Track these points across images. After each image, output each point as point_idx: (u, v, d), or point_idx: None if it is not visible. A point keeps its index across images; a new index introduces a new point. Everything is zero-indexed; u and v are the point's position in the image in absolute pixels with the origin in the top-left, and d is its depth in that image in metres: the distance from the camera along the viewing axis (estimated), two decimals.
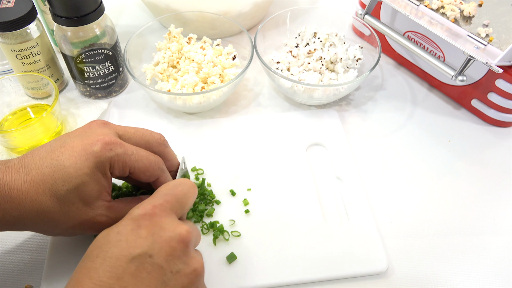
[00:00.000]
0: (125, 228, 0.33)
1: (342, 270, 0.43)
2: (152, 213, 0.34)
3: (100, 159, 0.37)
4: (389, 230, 0.48)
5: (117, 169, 0.38)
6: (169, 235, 0.33)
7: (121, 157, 0.38)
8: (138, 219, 0.34)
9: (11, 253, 0.45)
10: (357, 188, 0.50)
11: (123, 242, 0.32)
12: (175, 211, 0.36)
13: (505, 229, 0.48)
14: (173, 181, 0.38)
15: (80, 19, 0.51)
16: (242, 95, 0.62)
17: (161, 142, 0.43)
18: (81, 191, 0.37)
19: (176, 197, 0.37)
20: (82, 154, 0.37)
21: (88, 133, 0.39)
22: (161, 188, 0.37)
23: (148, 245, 0.32)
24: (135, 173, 0.40)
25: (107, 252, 0.32)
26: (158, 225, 0.34)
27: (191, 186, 0.38)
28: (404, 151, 0.56)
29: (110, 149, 0.38)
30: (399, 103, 0.61)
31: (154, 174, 0.41)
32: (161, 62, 0.58)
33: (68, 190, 0.36)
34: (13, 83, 0.56)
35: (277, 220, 0.47)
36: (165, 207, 0.35)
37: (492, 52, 0.49)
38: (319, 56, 0.58)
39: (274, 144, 0.54)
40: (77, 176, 0.36)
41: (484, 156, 0.55)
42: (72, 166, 0.36)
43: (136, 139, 0.41)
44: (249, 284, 0.42)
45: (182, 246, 0.34)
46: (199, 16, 0.63)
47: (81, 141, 0.38)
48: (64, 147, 0.37)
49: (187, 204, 0.38)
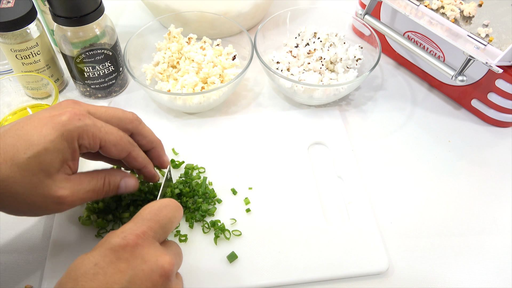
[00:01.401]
0: (103, 260, 0.31)
1: (342, 269, 0.43)
2: (134, 244, 0.32)
3: (68, 127, 0.36)
4: (389, 230, 0.48)
5: (86, 139, 0.37)
6: (150, 268, 0.32)
7: (90, 128, 0.37)
8: (117, 251, 0.32)
9: (11, 253, 0.45)
10: (358, 188, 0.50)
11: (101, 276, 0.31)
12: (157, 238, 0.34)
13: (505, 229, 0.48)
14: (158, 203, 0.36)
15: (80, 19, 0.51)
16: (242, 95, 0.62)
17: (134, 118, 0.42)
18: (43, 159, 0.35)
19: (160, 223, 0.35)
20: (48, 123, 0.36)
21: (57, 107, 0.38)
22: (144, 211, 0.35)
23: (127, 280, 0.31)
24: (106, 146, 0.39)
25: (83, 286, 0.30)
26: (139, 258, 0.32)
27: (176, 208, 0.37)
28: (404, 151, 0.56)
29: (79, 119, 0.37)
30: (399, 103, 0.61)
31: (126, 148, 0.40)
32: (161, 62, 0.58)
33: (29, 157, 0.35)
34: (13, 83, 0.56)
35: (278, 219, 0.47)
36: (147, 236, 0.33)
37: (492, 52, 0.49)
38: (319, 56, 0.58)
39: (275, 143, 0.54)
40: (40, 143, 0.35)
41: (484, 156, 0.55)
42: (37, 134, 0.35)
43: (107, 117, 0.40)
44: (250, 283, 0.42)
45: (163, 280, 0.32)
46: (199, 16, 0.63)
47: (48, 113, 0.37)
48: (30, 118, 0.37)
49: (171, 228, 0.36)
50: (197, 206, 0.47)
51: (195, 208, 0.47)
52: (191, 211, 0.47)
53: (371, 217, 0.47)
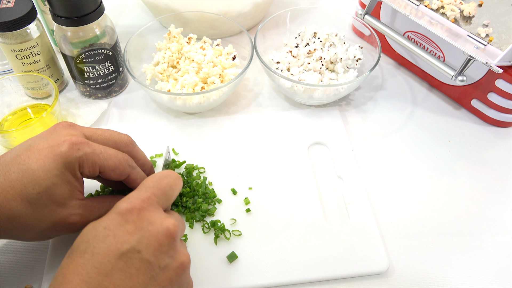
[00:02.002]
0: (112, 223, 0.33)
1: (342, 269, 0.43)
2: (140, 207, 0.34)
3: (68, 159, 0.36)
4: (389, 230, 0.48)
5: (86, 168, 0.38)
6: (156, 230, 0.33)
7: (90, 156, 0.38)
8: (125, 214, 0.33)
9: (11, 253, 0.45)
10: (358, 188, 0.50)
11: (111, 238, 0.32)
12: (161, 204, 0.36)
13: (505, 229, 0.48)
14: (159, 173, 0.38)
15: (80, 19, 0.51)
16: (242, 95, 0.62)
17: (129, 142, 0.43)
18: (53, 193, 0.36)
19: (162, 190, 0.37)
20: (49, 156, 0.36)
21: (54, 135, 0.38)
22: (147, 181, 0.37)
23: (136, 240, 0.32)
24: (105, 172, 0.39)
25: (94, 247, 0.32)
26: (145, 220, 0.34)
27: (176, 178, 0.39)
28: (404, 151, 0.56)
29: (78, 149, 0.37)
30: (399, 103, 0.61)
31: (124, 171, 0.40)
32: (161, 62, 0.58)
33: (39, 193, 0.35)
34: (13, 83, 0.56)
35: (278, 219, 0.47)
36: (152, 201, 0.35)
37: (492, 52, 0.49)
38: (319, 56, 0.58)
39: (275, 143, 0.54)
40: (47, 178, 0.36)
41: (484, 156, 0.55)
42: (41, 169, 0.36)
43: (104, 140, 0.41)
44: (249, 283, 0.42)
45: (169, 240, 0.34)
46: (199, 16, 0.63)
47: (47, 143, 0.37)
48: (29, 150, 0.37)
49: (173, 196, 0.38)
50: (197, 206, 0.47)
51: (195, 208, 0.47)
52: (191, 211, 0.47)
53: (371, 217, 0.47)
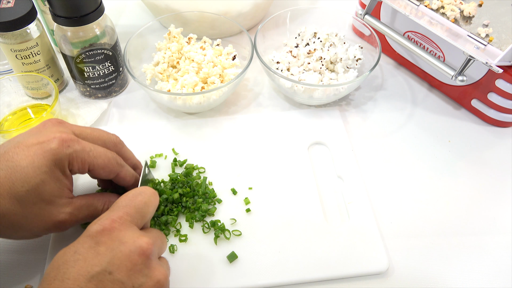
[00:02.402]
0: (82, 246, 0.32)
1: (342, 269, 0.43)
2: (111, 227, 0.33)
3: (58, 156, 0.36)
4: (389, 230, 0.48)
5: (76, 166, 0.38)
6: (128, 249, 0.32)
7: (79, 153, 0.37)
8: (96, 236, 0.33)
9: (11, 253, 0.45)
10: (358, 188, 0.50)
11: (81, 261, 0.31)
12: (135, 222, 0.35)
13: (505, 229, 0.48)
14: (132, 191, 0.37)
15: (80, 19, 0.51)
16: (242, 95, 0.62)
17: (117, 142, 0.43)
18: (42, 190, 0.36)
19: (136, 208, 0.35)
20: (38, 152, 0.36)
21: (43, 132, 0.38)
22: (120, 200, 0.36)
23: (107, 262, 0.31)
24: (95, 170, 0.39)
25: (64, 273, 0.31)
26: (117, 240, 0.33)
27: (151, 194, 0.37)
28: (404, 151, 0.56)
29: (68, 146, 0.37)
30: (399, 103, 0.61)
31: (114, 170, 0.40)
32: (161, 62, 0.58)
33: (28, 190, 0.35)
34: (13, 83, 0.56)
35: (278, 219, 0.47)
36: (124, 220, 0.34)
37: (492, 52, 0.49)
38: (319, 56, 0.58)
39: (275, 143, 0.54)
40: (36, 176, 0.35)
41: (484, 156, 0.55)
42: (30, 166, 0.35)
43: (93, 139, 0.41)
44: (250, 283, 0.42)
45: (143, 259, 0.33)
46: (199, 16, 0.63)
47: (36, 139, 0.37)
48: (18, 147, 0.36)
49: (148, 213, 0.37)
50: (197, 206, 0.47)
51: (195, 208, 0.47)
52: (191, 211, 0.47)
53: (371, 217, 0.47)
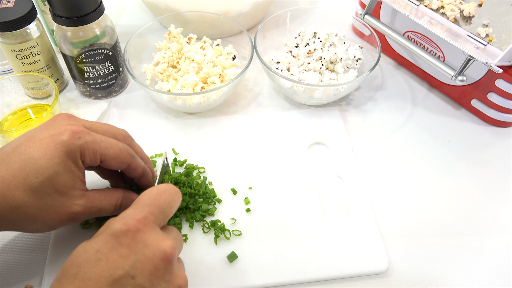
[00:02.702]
0: (105, 246, 0.31)
1: (342, 269, 0.43)
2: (135, 229, 0.32)
3: (70, 147, 0.37)
4: (389, 230, 0.48)
5: (88, 157, 0.38)
6: (152, 253, 0.32)
7: (91, 144, 0.38)
8: (119, 236, 0.32)
9: (11, 253, 0.45)
10: (358, 188, 0.50)
11: (103, 262, 0.31)
12: (158, 223, 0.34)
13: (505, 229, 0.48)
14: (156, 188, 0.36)
15: (80, 19, 0.51)
16: (242, 95, 0.62)
17: (127, 135, 0.43)
18: (55, 181, 0.36)
19: (160, 207, 0.35)
20: (50, 144, 0.36)
21: (54, 125, 0.38)
22: (143, 197, 0.35)
23: (130, 265, 0.31)
24: (106, 161, 0.39)
25: (86, 272, 0.30)
26: (140, 242, 0.32)
27: (175, 193, 0.37)
28: (404, 151, 0.56)
29: (79, 137, 0.37)
30: (399, 103, 0.61)
31: (126, 160, 0.40)
32: (161, 62, 0.58)
33: (42, 181, 0.35)
34: (13, 83, 0.56)
35: (278, 219, 0.47)
36: (148, 220, 0.33)
37: (492, 52, 0.49)
38: (319, 56, 0.58)
39: (275, 143, 0.54)
40: (49, 167, 0.36)
41: (484, 156, 0.55)
42: (43, 158, 0.36)
43: (103, 132, 0.41)
44: (249, 283, 0.42)
45: (165, 264, 0.32)
46: (199, 16, 0.63)
47: (47, 132, 0.37)
48: (30, 140, 0.37)
49: (171, 213, 0.36)
50: (197, 206, 0.47)
51: (195, 208, 0.47)
52: (191, 211, 0.47)
53: (371, 217, 0.47)
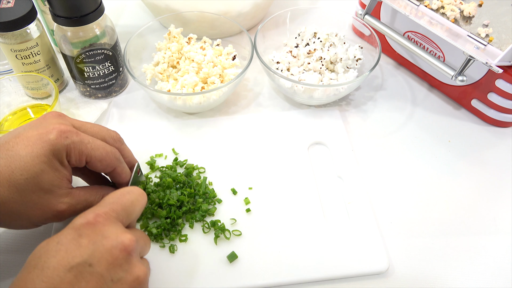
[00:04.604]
0: (65, 238, 0.32)
1: (342, 269, 0.43)
2: (95, 221, 0.33)
3: (56, 146, 0.37)
4: (389, 230, 0.48)
5: (73, 157, 0.38)
6: (111, 244, 0.33)
7: (77, 145, 0.38)
8: (79, 228, 0.33)
9: (11, 253, 0.45)
10: (358, 188, 0.50)
11: (62, 252, 0.32)
12: (120, 219, 0.35)
13: (505, 229, 0.48)
14: (121, 190, 0.38)
15: (80, 19, 0.51)
16: (242, 95, 0.62)
17: (117, 138, 0.43)
18: (40, 179, 0.36)
19: (123, 205, 0.36)
20: (37, 143, 0.36)
21: (43, 123, 0.38)
22: (108, 197, 0.37)
23: (88, 254, 0.32)
24: (92, 162, 0.39)
25: (45, 262, 0.31)
26: (100, 234, 0.33)
27: (139, 194, 0.38)
28: (404, 151, 0.56)
29: (66, 137, 0.37)
30: (399, 103, 0.61)
31: (111, 164, 0.41)
32: (161, 62, 0.58)
33: (27, 179, 0.36)
34: (13, 83, 0.56)
35: (278, 219, 0.47)
36: (109, 215, 0.34)
37: (492, 52, 0.49)
38: (319, 56, 0.58)
39: (275, 143, 0.54)
40: (35, 165, 0.36)
41: (484, 156, 0.55)
42: (29, 155, 0.36)
43: (92, 133, 0.41)
44: (250, 283, 0.42)
45: (124, 255, 0.33)
46: (199, 16, 0.63)
47: (36, 130, 0.37)
48: (18, 137, 0.37)
49: (135, 212, 0.37)
50: (197, 206, 0.47)
51: (195, 208, 0.47)
52: (191, 211, 0.47)
53: (371, 217, 0.47)
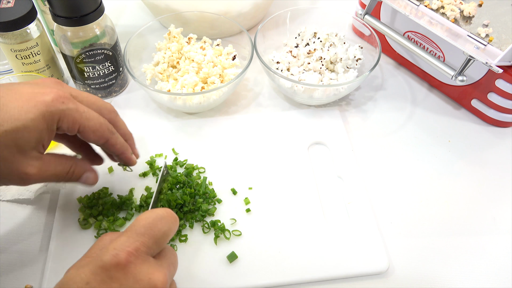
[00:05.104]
0: (95, 279, 0.30)
1: (342, 269, 0.43)
2: (127, 262, 0.31)
3: (50, 109, 0.36)
4: (389, 230, 0.48)
5: (66, 123, 0.37)
6: None
7: (73, 112, 0.37)
8: (109, 269, 0.31)
9: (11, 253, 0.45)
10: (358, 188, 0.50)
11: None
12: (151, 253, 0.33)
13: (505, 229, 0.48)
14: (153, 214, 0.34)
15: (80, 19, 0.51)
16: (242, 95, 0.62)
17: (112, 110, 0.43)
18: (20, 135, 0.35)
19: (155, 238, 0.33)
20: (31, 100, 0.35)
21: (40, 85, 0.38)
22: (139, 224, 0.33)
23: None
24: (85, 132, 0.39)
25: None
26: (131, 277, 0.31)
27: (172, 222, 0.35)
28: (404, 151, 0.56)
29: (62, 102, 0.37)
30: (399, 103, 0.61)
31: (104, 135, 0.40)
32: (161, 62, 0.58)
33: (6, 131, 0.34)
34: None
35: (278, 219, 0.47)
36: (140, 252, 0.32)
37: (492, 52, 0.49)
38: (319, 56, 0.58)
39: (276, 143, 0.54)
40: (20, 119, 0.35)
41: (484, 156, 0.55)
42: (17, 108, 0.35)
43: (88, 103, 0.40)
44: (249, 283, 0.42)
45: None
46: (199, 16, 0.63)
47: (31, 89, 0.36)
48: (10, 90, 0.36)
49: (166, 242, 0.35)
50: (197, 206, 0.47)
51: (195, 208, 0.47)
52: (191, 211, 0.47)
53: (371, 217, 0.47)
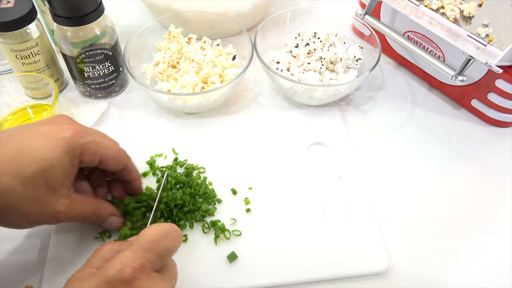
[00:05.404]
0: None
1: (342, 269, 0.43)
2: (132, 278, 0.32)
3: (72, 144, 0.37)
4: (389, 230, 0.48)
5: (88, 156, 0.38)
6: None
7: (92, 144, 0.38)
8: (115, 284, 0.31)
9: (11, 253, 0.45)
10: (358, 188, 0.50)
11: None
12: (155, 268, 0.34)
13: (505, 229, 0.48)
14: (159, 230, 0.35)
15: (80, 19, 0.51)
16: (242, 95, 0.62)
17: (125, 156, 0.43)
18: (49, 174, 0.36)
19: (160, 254, 0.34)
20: (52, 138, 0.36)
21: (55, 122, 0.39)
22: (145, 239, 0.34)
23: None
24: (106, 161, 0.40)
25: None
26: None
27: (177, 238, 0.36)
28: (404, 151, 0.56)
29: (81, 136, 0.38)
30: (399, 103, 0.61)
31: (123, 161, 0.41)
32: (161, 62, 0.58)
33: (35, 171, 0.35)
34: (13, 83, 0.56)
35: (278, 219, 0.47)
36: (145, 268, 0.33)
37: (492, 52, 0.49)
38: (319, 56, 0.58)
39: (276, 143, 0.54)
40: (46, 158, 0.35)
41: (484, 156, 0.55)
42: (41, 148, 0.35)
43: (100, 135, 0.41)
44: (249, 283, 0.42)
45: None
46: (199, 16, 0.63)
47: (49, 127, 0.37)
48: (29, 131, 0.37)
49: (170, 257, 0.36)
50: (197, 206, 0.47)
51: (195, 208, 0.47)
52: (191, 211, 0.47)
53: (371, 217, 0.47)
